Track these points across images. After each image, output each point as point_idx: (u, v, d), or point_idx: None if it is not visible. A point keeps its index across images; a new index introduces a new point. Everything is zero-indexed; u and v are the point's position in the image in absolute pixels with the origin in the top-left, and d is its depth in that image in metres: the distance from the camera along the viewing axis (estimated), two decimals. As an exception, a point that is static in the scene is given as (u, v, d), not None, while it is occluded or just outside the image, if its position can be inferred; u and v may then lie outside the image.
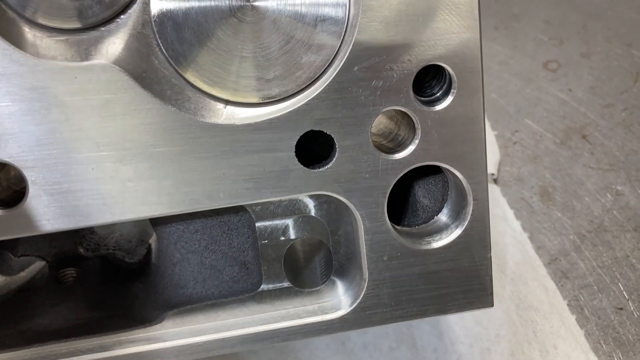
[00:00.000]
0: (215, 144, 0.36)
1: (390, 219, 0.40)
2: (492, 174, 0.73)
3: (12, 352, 0.42)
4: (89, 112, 0.34)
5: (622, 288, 0.63)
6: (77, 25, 0.35)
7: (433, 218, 0.44)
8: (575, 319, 0.60)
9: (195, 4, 0.35)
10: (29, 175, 0.34)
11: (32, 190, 0.34)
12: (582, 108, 0.85)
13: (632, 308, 0.62)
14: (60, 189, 0.35)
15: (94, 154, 0.35)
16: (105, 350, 0.41)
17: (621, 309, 0.61)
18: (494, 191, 0.72)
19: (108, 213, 0.36)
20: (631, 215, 0.71)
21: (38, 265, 0.46)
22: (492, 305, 0.43)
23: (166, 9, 0.35)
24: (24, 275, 0.44)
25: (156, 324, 0.43)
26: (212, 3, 0.35)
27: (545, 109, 0.85)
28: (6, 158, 0.34)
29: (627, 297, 0.63)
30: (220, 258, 0.44)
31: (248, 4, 0.35)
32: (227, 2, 0.35)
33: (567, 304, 0.61)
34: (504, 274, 0.63)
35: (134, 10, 0.35)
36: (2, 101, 0.33)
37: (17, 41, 0.34)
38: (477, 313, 0.57)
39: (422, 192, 0.44)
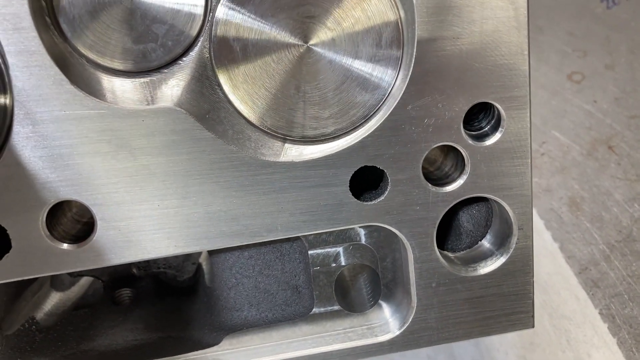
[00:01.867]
0: (274, 180, 0.37)
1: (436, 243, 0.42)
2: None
3: None
4: (155, 153, 0.35)
5: (652, 296, 0.65)
6: (142, 68, 0.35)
7: (477, 243, 0.45)
8: (608, 327, 0.61)
9: (254, 48, 0.35)
10: (97, 212, 0.35)
11: (100, 226, 0.35)
12: (607, 119, 0.86)
13: (662, 317, 0.63)
14: (127, 225, 0.36)
15: (160, 192, 0.36)
16: None
17: (652, 317, 0.63)
18: (523, 202, 0.73)
19: (172, 246, 0.37)
20: None
21: (87, 280, 0.47)
22: (533, 327, 0.44)
23: (227, 53, 0.35)
24: (76, 290, 0.45)
25: (214, 346, 0.44)
26: (270, 44, 0.35)
27: (571, 121, 0.86)
28: (76, 196, 0.35)
29: (657, 305, 0.64)
30: (274, 282, 0.45)
31: (305, 45, 0.36)
32: (285, 45, 0.36)
33: (599, 313, 0.62)
34: (536, 284, 0.64)
35: (195, 52, 0.36)
36: (74, 142, 0.34)
37: (86, 84, 0.35)
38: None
39: (466, 217, 0.45)
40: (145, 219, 0.36)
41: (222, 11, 0.35)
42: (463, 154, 0.38)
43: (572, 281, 0.64)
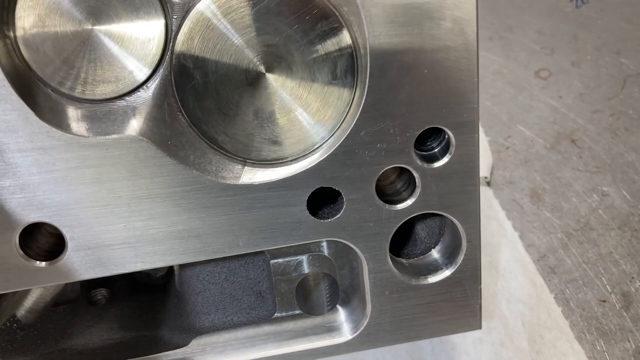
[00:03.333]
0: (235, 201, 0.38)
1: (390, 250, 0.42)
2: (485, 177, 0.77)
3: None
4: (120, 178, 0.36)
5: (605, 282, 0.67)
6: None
7: (430, 251, 0.46)
8: (561, 311, 0.63)
9: (214, 76, 0.36)
10: (67, 233, 0.36)
11: (71, 246, 0.36)
12: (571, 114, 0.88)
13: (614, 300, 0.65)
14: (96, 244, 0.37)
15: (126, 214, 0.36)
16: None
17: (604, 301, 0.65)
18: (487, 193, 0.75)
19: (139, 263, 0.38)
20: (616, 214, 0.74)
21: None
22: (480, 328, 0.46)
23: (187, 81, 0.36)
24: (56, 286, 0.44)
25: (183, 347, 0.46)
26: (230, 74, 0.36)
27: (536, 116, 0.88)
28: (46, 219, 0.36)
29: (610, 290, 0.66)
30: (238, 288, 0.46)
31: (263, 73, 0.36)
32: (244, 73, 0.36)
33: (554, 297, 0.64)
34: (495, 271, 0.67)
35: (157, 81, 0.36)
36: (42, 171, 0.35)
37: (51, 114, 0.35)
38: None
39: (421, 227, 0.46)
40: (113, 239, 0.37)
41: (181, 40, 0.35)
42: (414, 174, 0.40)
43: (530, 268, 0.67)
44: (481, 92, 0.91)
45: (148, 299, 0.49)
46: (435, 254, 0.47)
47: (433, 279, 0.45)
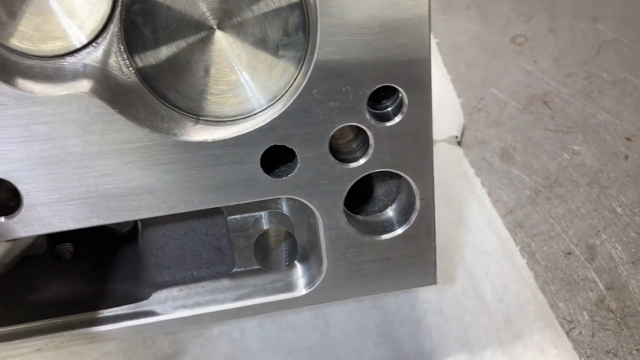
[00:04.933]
0: (188, 159, 0.37)
1: (348, 206, 0.42)
2: (456, 137, 0.76)
3: (18, 326, 0.44)
4: (72, 135, 0.35)
5: (571, 235, 0.66)
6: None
7: (387, 208, 0.46)
8: (526, 263, 0.62)
9: (164, 31, 0.35)
10: (22, 189, 0.36)
11: (26, 201, 0.36)
12: (545, 77, 0.87)
13: (579, 252, 0.65)
14: (51, 199, 0.36)
15: (79, 170, 0.36)
16: (101, 325, 0.45)
17: (569, 253, 0.64)
18: (457, 152, 0.74)
19: (94, 218, 0.37)
20: (585, 172, 0.72)
21: None
22: (436, 283, 0.46)
23: (138, 37, 0.35)
24: (24, 240, 0.44)
25: (144, 300, 0.46)
26: (180, 30, 0.35)
27: (510, 79, 0.87)
28: (1, 175, 0.35)
29: (575, 243, 0.65)
30: (198, 244, 0.46)
31: (214, 29, 0.35)
32: (194, 29, 0.35)
33: (519, 250, 0.64)
34: (462, 225, 0.66)
35: (107, 37, 0.35)
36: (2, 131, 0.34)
37: (1, 71, 0.34)
38: (440, 254, 0.60)
39: (379, 185, 0.45)
40: (68, 194, 0.36)
41: None
42: (368, 133, 0.39)
43: (496, 222, 0.66)
44: (456, 57, 0.91)
45: (112, 254, 0.48)
46: (391, 211, 0.46)
47: (388, 235, 0.44)
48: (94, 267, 0.48)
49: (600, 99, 0.80)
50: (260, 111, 0.39)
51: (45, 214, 0.37)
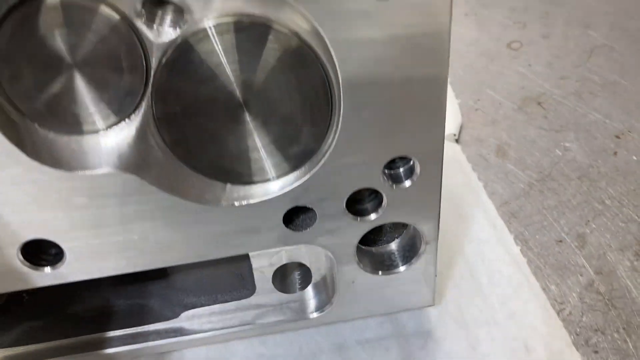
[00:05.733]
0: (216, 219, 0.41)
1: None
2: (454, 135, 0.81)
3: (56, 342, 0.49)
4: (109, 206, 0.39)
5: (562, 225, 0.69)
6: (91, 129, 0.37)
7: (393, 240, 0.51)
8: (520, 250, 0.66)
9: (195, 110, 0.37)
10: (65, 247, 0.40)
11: (69, 256, 0.40)
12: (539, 80, 0.91)
13: (569, 240, 0.69)
14: (91, 253, 0.41)
15: (116, 232, 0.40)
16: (134, 342, 0.50)
17: (560, 241, 0.68)
18: (454, 148, 0.79)
19: (131, 267, 0.42)
20: (577, 167, 0.76)
21: None
22: (434, 305, 0.53)
23: (168, 112, 0.37)
24: None
25: (173, 319, 0.51)
26: (211, 109, 0.37)
27: (506, 82, 0.91)
28: (44, 236, 0.39)
29: (566, 232, 0.69)
30: (222, 271, 0.51)
31: (242, 109, 0.37)
32: (223, 105, 0.37)
33: (514, 238, 0.68)
34: (458, 214, 0.70)
35: (140, 114, 0.37)
36: (36, 200, 0.38)
37: (38, 148, 0.36)
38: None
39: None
40: (106, 251, 0.41)
41: (161, 74, 0.35)
42: (382, 193, 0.43)
43: (491, 213, 0.70)
44: (454, 61, 0.95)
45: (142, 272, 0.54)
46: (396, 245, 0.51)
47: (395, 270, 0.49)
48: (124, 282, 0.52)
49: (591, 100, 0.84)
50: (285, 175, 0.42)
51: (85, 265, 0.41)
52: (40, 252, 0.41)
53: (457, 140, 0.78)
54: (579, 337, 0.56)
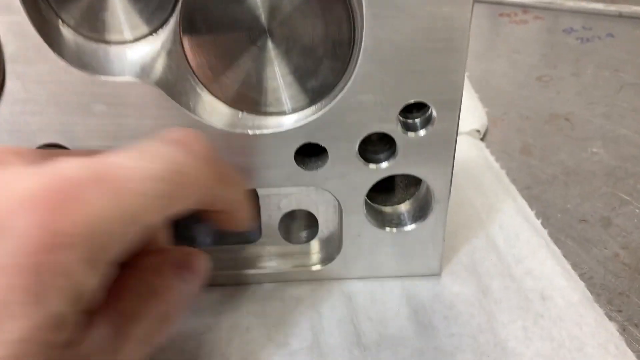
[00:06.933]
0: (229, 146, 0.41)
1: (368, 195, 0.46)
2: (478, 130, 0.81)
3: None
4: (127, 116, 0.39)
5: (587, 208, 0.67)
6: (121, 39, 0.38)
7: (404, 201, 0.50)
8: (541, 223, 0.64)
9: (219, 30, 0.38)
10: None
11: None
12: (568, 104, 0.92)
13: (593, 221, 0.65)
14: None
15: (129, 144, 0.36)
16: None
17: (584, 220, 0.65)
18: (477, 145, 0.79)
19: None
20: (603, 166, 0.73)
21: None
22: (440, 274, 0.52)
23: (194, 32, 0.38)
24: None
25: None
26: (235, 32, 0.38)
27: (534, 103, 0.92)
28: (59, 142, 0.39)
29: (590, 214, 0.66)
30: None
31: (265, 32, 0.38)
32: (247, 31, 0.38)
33: (535, 214, 0.65)
34: (478, 191, 0.69)
35: (167, 30, 0.38)
36: (58, 101, 0.38)
37: (68, 52, 0.37)
38: (455, 214, 0.62)
39: (400, 178, 0.50)
40: None
41: None
42: (396, 140, 0.42)
43: (512, 191, 0.68)
44: (483, 88, 0.98)
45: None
46: (407, 206, 0.50)
47: (403, 229, 0.49)
48: None
49: (620, 121, 0.84)
50: (300, 110, 0.42)
51: None
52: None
53: (481, 139, 0.78)
54: (601, 298, 0.52)
